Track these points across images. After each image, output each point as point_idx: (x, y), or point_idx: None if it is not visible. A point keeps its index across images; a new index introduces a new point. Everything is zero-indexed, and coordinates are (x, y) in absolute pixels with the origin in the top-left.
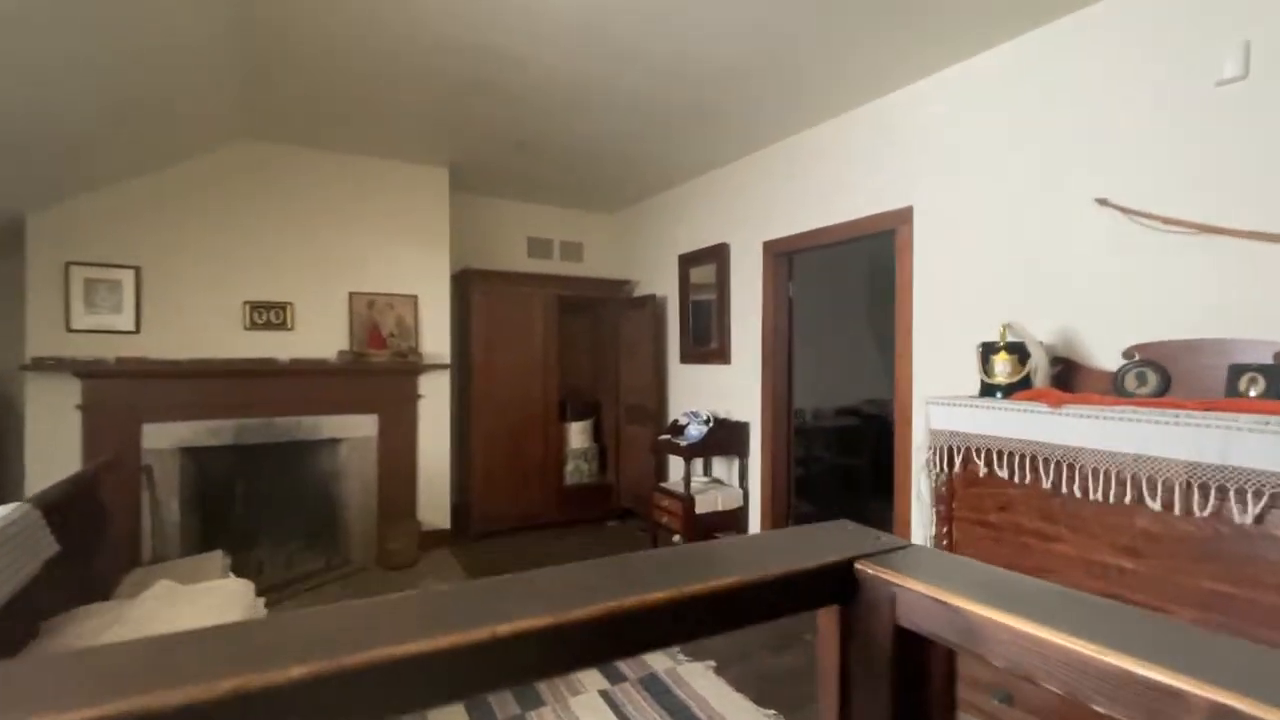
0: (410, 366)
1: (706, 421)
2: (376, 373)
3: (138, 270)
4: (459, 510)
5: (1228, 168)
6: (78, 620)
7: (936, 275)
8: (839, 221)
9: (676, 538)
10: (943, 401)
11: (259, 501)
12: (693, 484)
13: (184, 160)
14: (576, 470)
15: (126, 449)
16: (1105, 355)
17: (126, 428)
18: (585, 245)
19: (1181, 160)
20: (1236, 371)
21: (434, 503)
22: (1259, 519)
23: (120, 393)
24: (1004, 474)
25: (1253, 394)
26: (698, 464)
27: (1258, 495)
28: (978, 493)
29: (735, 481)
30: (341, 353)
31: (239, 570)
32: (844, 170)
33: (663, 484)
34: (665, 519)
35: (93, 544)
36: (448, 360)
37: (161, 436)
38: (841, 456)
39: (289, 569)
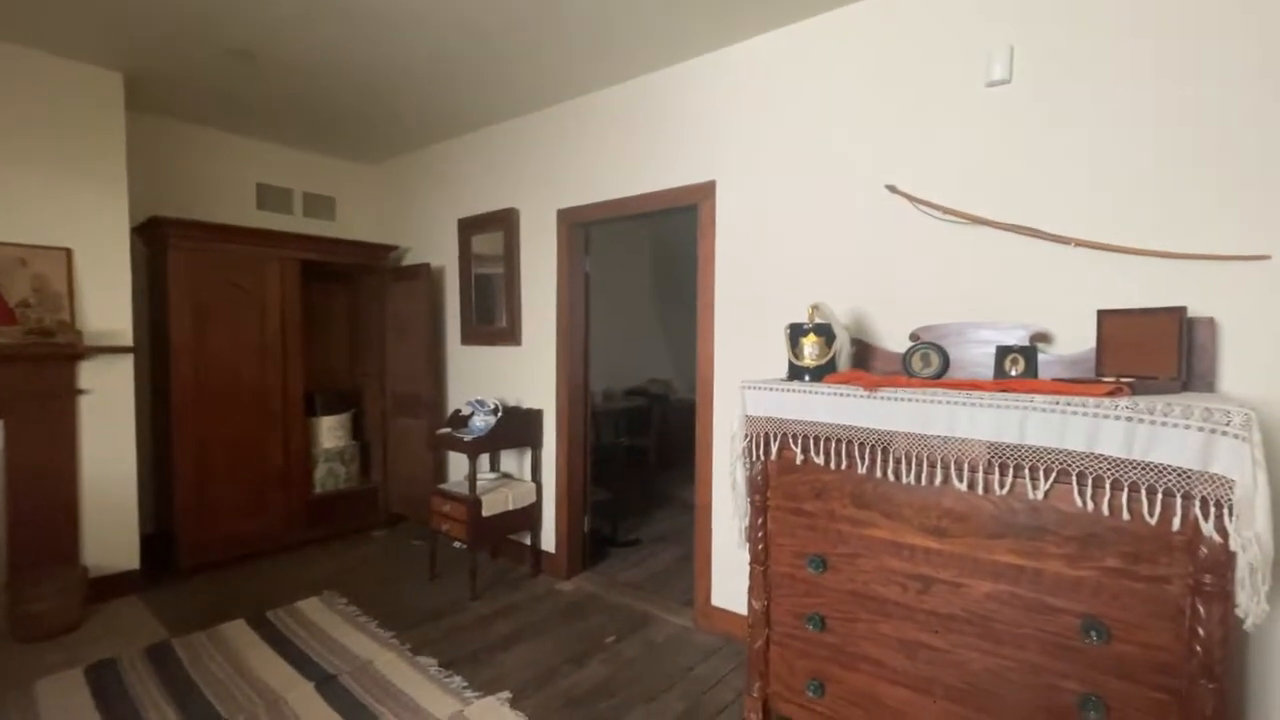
0: (60, 349)
1: (494, 411)
2: None
3: None
4: (156, 542)
5: (994, 163)
6: None
7: (739, 253)
8: (641, 192)
9: (458, 544)
10: (759, 385)
11: None
12: (479, 482)
13: None
14: (330, 475)
15: None
16: (894, 337)
17: None
18: (339, 200)
19: (958, 153)
20: (1002, 353)
21: (112, 537)
22: (1047, 494)
23: None
24: (819, 460)
25: (1014, 373)
26: (484, 459)
27: (1047, 472)
28: (793, 480)
29: (527, 475)
30: None
31: None
32: (648, 137)
33: (442, 485)
34: (446, 525)
35: None
36: (129, 341)
37: None
38: (630, 437)
39: None
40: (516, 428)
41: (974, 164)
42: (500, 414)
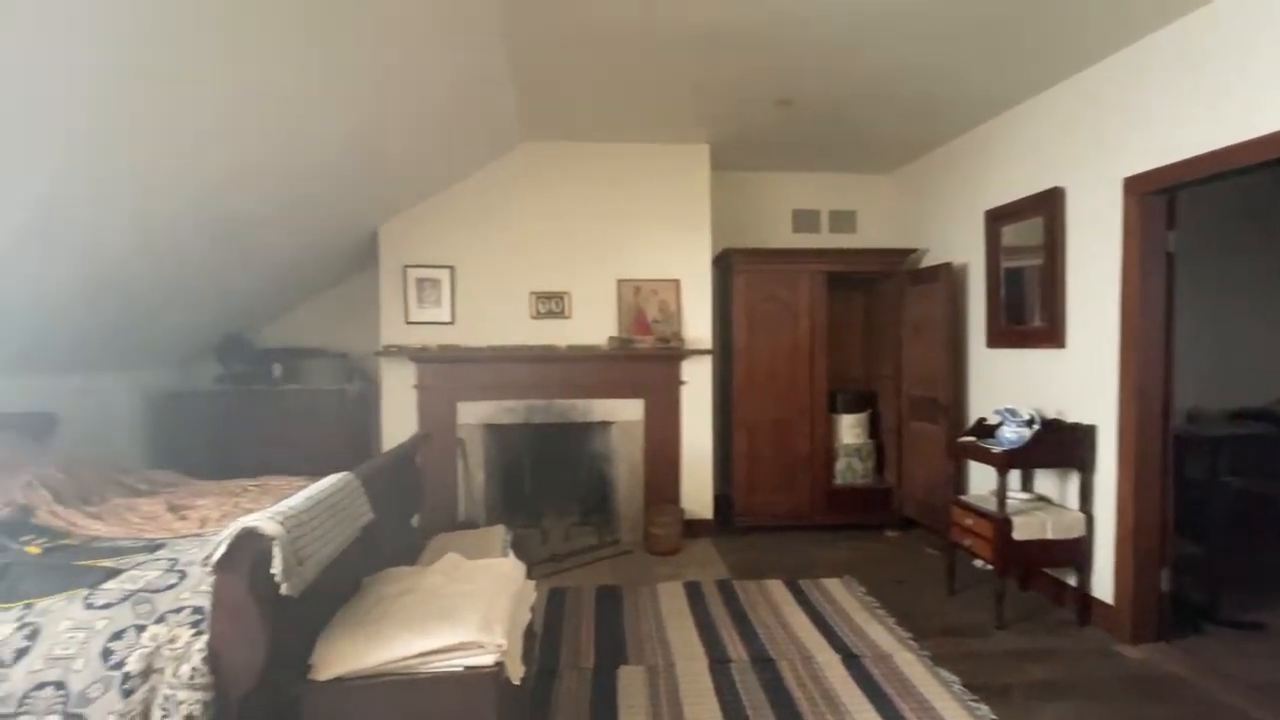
0: (673, 352)
1: (1029, 422)
2: (641, 358)
3: (452, 269)
4: (721, 501)
5: None
6: (384, 581)
7: None
8: (1270, 132)
9: (979, 562)
10: None
11: (544, 476)
12: (1009, 501)
13: (482, 168)
14: (848, 469)
15: (447, 424)
16: None
17: (446, 405)
18: (859, 213)
19: None
20: None
21: (697, 491)
22: None
23: (441, 375)
24: None
25: None
26: (1013, 476)
27: None
28: None
29: (1073, 503)
30: (611, 339)
31: (527, 539)
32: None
33: (963, 497)
34: (968, 540)
35: (407, 510)
36: (709, 346)
37: (471, 414)
38: (1240, 476)
39: (567, 542)
40: (1058, 444)
41: None
42: (1036, 426)
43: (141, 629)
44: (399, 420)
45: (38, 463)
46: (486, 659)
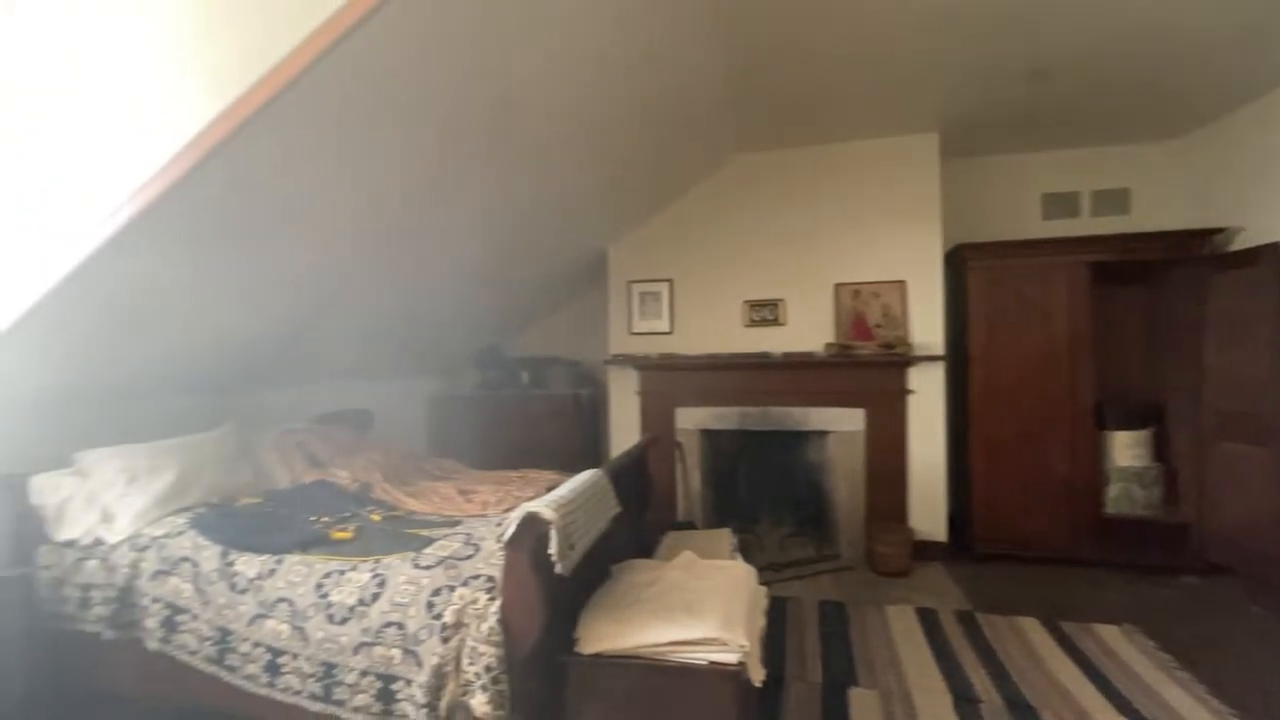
0: (898, 358)
1: None
2: (862, 365)
3: (670, 283)
4: (956, 522)
5: None
6: (631, 571)
7: None
8: None
9: None
10: None
11: (758, 483)
12: None
13: (698, 184)
14: (1124, 496)
15: (665, 428)
16: None
17: (666, 410)
18: (1133, 190)
19: None
20: None
21: (927, 510)
22: None
23: (661, 382)
24: None
25: None
26: None
27: None
28: None
29: None
30: (828, 345)
31: (742, 544)
32: None
33: None
34: None
35: (642, 506)
36: (940, 351)
37: (688, 419)
38: None
39: (782, 552)
40: None
41: None
42: None
43: (452, 589)
44: (625, 423)
45: (366, 449)
46: (730, 657)
